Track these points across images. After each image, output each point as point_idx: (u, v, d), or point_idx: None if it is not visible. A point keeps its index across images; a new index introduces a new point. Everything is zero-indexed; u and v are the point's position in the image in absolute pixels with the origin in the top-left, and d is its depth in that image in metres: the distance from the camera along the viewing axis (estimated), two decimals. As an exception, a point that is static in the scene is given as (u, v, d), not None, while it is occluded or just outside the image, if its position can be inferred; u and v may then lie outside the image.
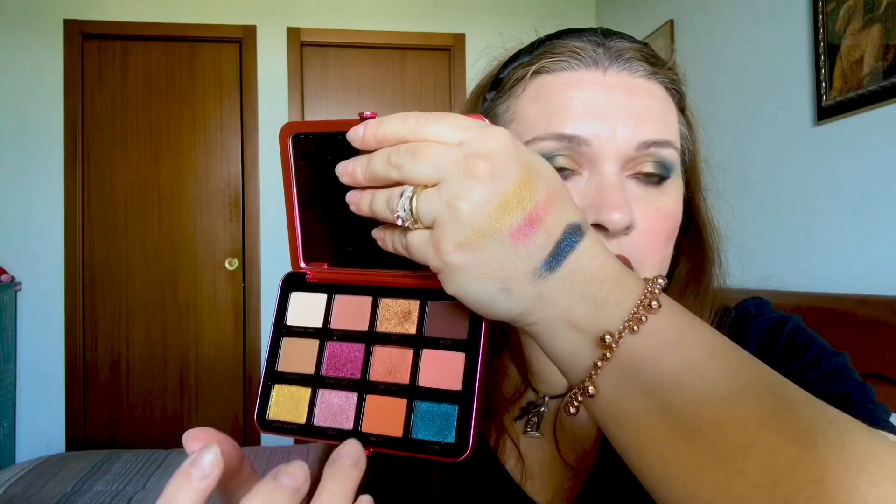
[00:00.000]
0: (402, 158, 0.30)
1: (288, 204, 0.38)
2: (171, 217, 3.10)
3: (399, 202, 0.30)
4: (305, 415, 0.35)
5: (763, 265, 1.94)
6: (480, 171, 0.29)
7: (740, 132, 2.13)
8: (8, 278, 2.85)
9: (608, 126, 0.45)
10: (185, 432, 0.30)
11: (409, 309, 0.36)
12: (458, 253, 0.29)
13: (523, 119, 0.48)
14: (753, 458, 0.27)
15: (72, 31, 2.99)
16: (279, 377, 0.37)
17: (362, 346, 0.36)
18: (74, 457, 2.05)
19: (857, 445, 0.27)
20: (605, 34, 0.50)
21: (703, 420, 0.28)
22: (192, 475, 0.27)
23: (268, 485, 0.27)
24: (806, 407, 0.28)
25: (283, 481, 0.27)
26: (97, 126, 3.05)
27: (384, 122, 0.32)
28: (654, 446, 0.30)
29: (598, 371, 0.31)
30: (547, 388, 0.54)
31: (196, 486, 0.26)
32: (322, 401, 0.36)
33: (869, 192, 1.61)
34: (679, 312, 0.31)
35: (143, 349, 3.06)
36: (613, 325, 0.30)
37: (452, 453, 0.32)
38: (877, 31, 1.58)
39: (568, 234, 0.30)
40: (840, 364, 0.46)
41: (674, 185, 0.49)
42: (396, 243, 0.33)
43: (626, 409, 0.31)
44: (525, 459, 0.53)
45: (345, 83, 3.23)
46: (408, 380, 0.34)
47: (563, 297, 0.31)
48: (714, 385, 0.29)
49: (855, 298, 1.43)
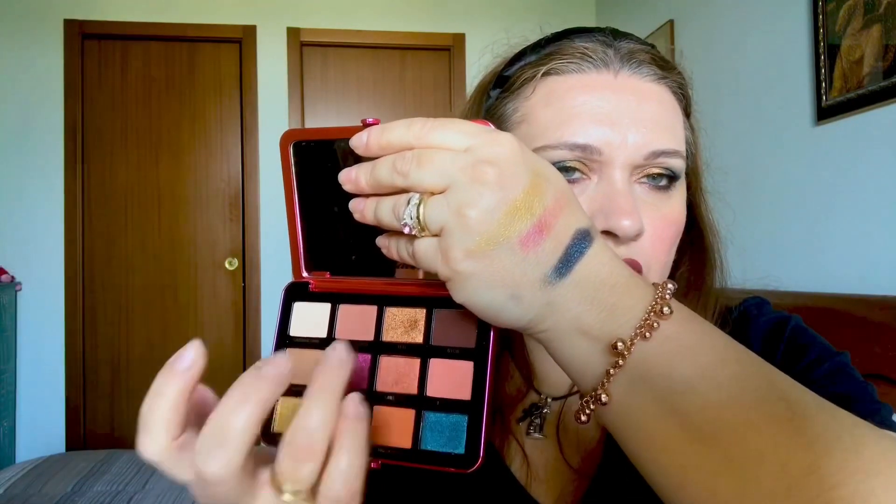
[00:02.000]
0: (408, 165, 0.30)
1: (289, 212, 0.37)
2: (171, 217, 3.10)
3: (405, 210, 0.30)
4: None
5: (763, 265, 1.94)
6: (489, 177, 0.28)
7: (740, 132, 2.13)
8: (8, 278, 2.85)
9: (619, 134, 0.45)
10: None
11: (416, 318, 0.35)
12: (467, 261, 0.29)
13: (534, 122, 0.48)
14: (768, 464, 0.27)
15: (72, 31, 2.98)
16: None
17: (368, 357, 0.35)
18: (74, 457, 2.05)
19: (871, 449, 0.27)
20: (614, 35, 0.49)
21: (716, 426, 0.28)
22: (175, 367, 0.28)
23: (249, 375, 0.27)
24: (819, 411, 0.28)
25: (264, 370, 0.27)
26: (97, 126, 3.05)
27: (388, 129, 0.31)
28: (668, 453, 0.30)
29: (611, 378, 0.30)
30: (549, 389, 0.54)
31: (180, 377, 0.28)
32: None
33: (869, 192, 1.61)
34: (690, 318, 0.31)
35: (143, 349, 3.06)
36: (625, 331, 0.30)
37: (463, 464, 0.32)
38: (877, 31, 1.58)
39: (577, 239, 0.30)
40: (842, 363, 0.46)
41: (679, 191, 0.49)
42: (402, 251, 0.33)
43: (639, 417, 0.30)
44: (530, 461, 0.52)
45: (345, 83, 3.23)
46: (416, 390, 0.34)
47: (574, 303, 0.30)
48: (727, 390, 0.28)
49: (855, 298, 1.43)
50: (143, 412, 0.28)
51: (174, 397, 0.28)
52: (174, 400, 0.28)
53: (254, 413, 0.27)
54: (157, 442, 0.28)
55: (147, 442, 0.28)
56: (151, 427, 0.28)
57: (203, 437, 0.27)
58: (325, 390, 0.28)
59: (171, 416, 0.28)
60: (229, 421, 0.27)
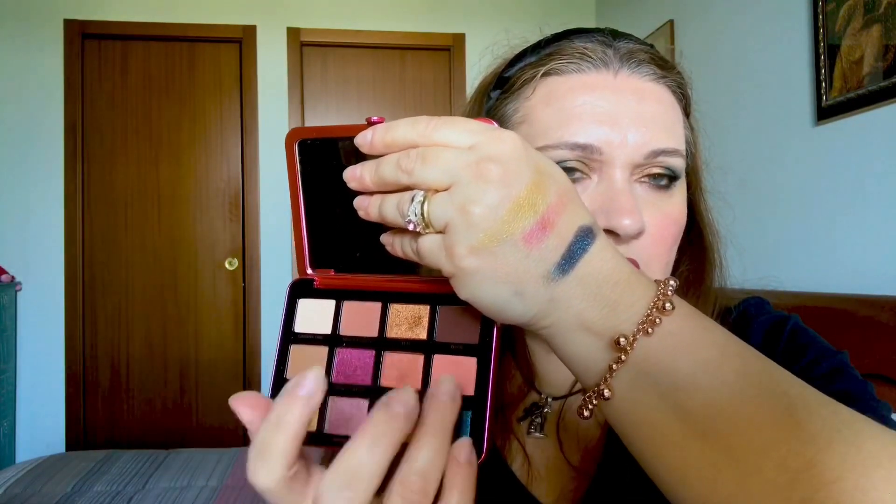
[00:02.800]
0: (413, 163, 0.30)
1: (294, 210, 0.37)
2: (171, 217, 3.10)
3: (410, 207, 0.30)
4: (316, 423, 0.35)
5: (762, 265, 1.94)
6: (493, 174, 0.29)
7: (740, 132, 2.13)
8: (8, 278, 2.85)
9: (619, 133, 0.46)
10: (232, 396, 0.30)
11: (420, 314, 0.35)
12: (471, 257, 0.29)
13: (535, 122, 0.48)
14: (770, 458, 0.27)
15: (72, 31, 2.98)
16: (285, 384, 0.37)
17: (372, 353, 0.35)
18: (74, 457, 2.05)
19: (872, 444, 0.27)
20: (613, 35, 0.50)
21: (718, 421, 0.28)
22: (297, 393, 0.28)
23: (381, 415, 0.27)
24: (820, 406, 0.29)
25: (395, 409, 0.27)
26: (97, 126, 3.05)
27: (393, 127, 0.32)
28: (670, 448, 0.30)
29: (613, 374, 0.31)
30: (550, 389, 0.54)
31: (304, 405, 0.27)
32: (333, 408, 0.35)
33: (869, 192, 1.61)
34: (692, 314, 0.31)
35: (143, 349, 3.06)
36: (627, 327, 0.30)
37: None
38: (877, 31, 1.58)
39: (579, 236, 0.30)
40: (841, 362, 0.47)
41: (679, 190, 0.49)
42: (406, 248, 0.33)
43: (642, 412, 0.31)
44: (531, 460, 0.53)
45: (345, 83, 3.23)
46: (419, 386, 0.34)
47: (576, 299, 0.31)
48: (729, 386, 0.29)
49: (855, 298, 1.43)
50: (263, 439, 0.28)
51: (296, 427, 0.28)
52: (296, 430, 0.28)
53: (386, 453, 0.27)
54: (275, 472, 0.28)
55: (263, 471, 0.28)
56: (270, 456, 0.28)
57: (334, 474, 0.27)
58: (438, 431, 0.28)
59: (292, 447, 0.28)
60: (362, 462, 0.27)
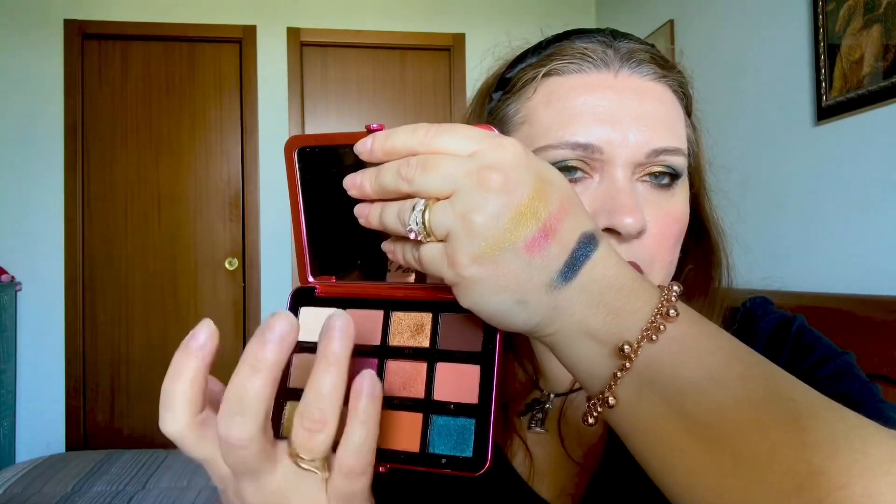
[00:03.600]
0: (413, 171, 0.30)
1: (294, 218, 0.37)
2: (171, 217, 3.10)
3: (411, 215, 0.30)
4: None
5: (763, 265, 1.94)
6: (494, 182, 0.29)
7: (740, 132, 2.13)
8: (8, 278, 2.85)
9: (620, 132, 0.46)
10: None
11: (422, 322, 0.35)
12: (473, 266, 0.29)
13: (536, 122, 0.48)
14: (777, 464, 0.27)
15: (72, 31, 2.98)
16: (291, 394, 0.36)
17: (375, 361, 0.35)
18: (74, 457, 2.05)
19: (879, 449, 0.27)
20: (614, 35, 0.50)
21: (724, 427, 0.28)
22: (190, 346, 0.29)
23: (255, 342, 0.28)
24: (826, 411, 0.28)
25: (265, 335, 0.28)
26: (97, 126, 3.05)
27: (393, 135, 0.32)
28: (676, 455, 0.30)
29: (618, 381, 0.30)
30: (551, 385, 0.54)
31: (196, 354, 0.29)
32: None
33: (869, 192, 1.61)
34: (696, 320, 0.31)
35: (143, 349, 3.06)
36: (631, 334, 0.30)
37: (471, 467, 0.32)
38: (877, 31, 1.59)
39: (582, 243, 0.30)
40: (847, 363, 0.47)
41: (682, 188, 0.49)
42: (408, 256, 0.33)
43: (647, 419, 0.30)
44: (532, 456, 0.53)
45: (345, 83, 3.23)
46: (423, 394, 0.34)
47: (580, 307, 0.30)
48: (734, 391, 0.29)
49: (855, 298, 1.43)
50: (165, 390, 0.29)
51: (192, 374, 0.29)
52: (193, 377, 0.29)
53: (266, 378, 0.28)
54: (180, 418, 0.29)
55: (169, 419, 0.29)
56: (173, 404, 0.29)
57: (225, 404, 0.28)
58: (331, 360, 0.28)
59: (192, 393, 0.29)
60: (245, 388, 0.28)
